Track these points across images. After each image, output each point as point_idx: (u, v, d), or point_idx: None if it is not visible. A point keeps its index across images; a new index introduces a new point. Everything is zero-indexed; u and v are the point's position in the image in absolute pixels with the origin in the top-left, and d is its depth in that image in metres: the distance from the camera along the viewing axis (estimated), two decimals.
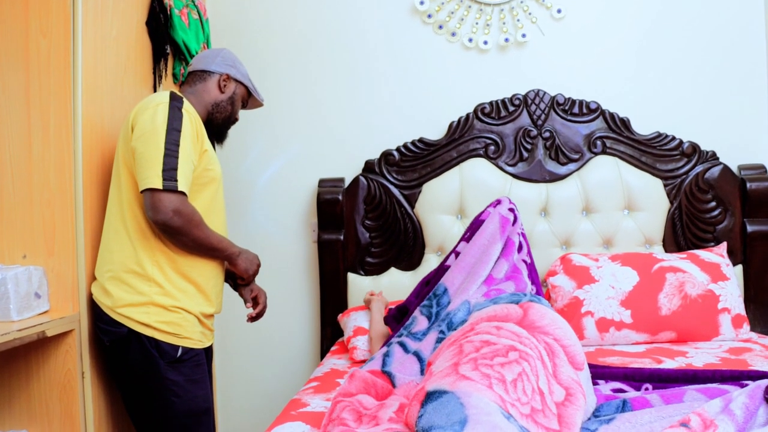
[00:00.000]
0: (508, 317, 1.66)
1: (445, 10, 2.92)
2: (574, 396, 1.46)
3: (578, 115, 2.84)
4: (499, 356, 1.47)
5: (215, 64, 2.21)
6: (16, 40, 2.00)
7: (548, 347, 1.56)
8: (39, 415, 2.00)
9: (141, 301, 1.96)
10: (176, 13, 2.51)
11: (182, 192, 1.91)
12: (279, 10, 2.98)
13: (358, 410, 1.55)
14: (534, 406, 1.39)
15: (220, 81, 2.21)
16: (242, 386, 3.03)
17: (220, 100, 2.21)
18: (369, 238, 2.85)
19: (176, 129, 1.93)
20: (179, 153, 1.91)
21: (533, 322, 1.63)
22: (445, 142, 2.86)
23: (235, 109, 2.27)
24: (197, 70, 2.22)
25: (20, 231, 2.01)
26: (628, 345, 2.46)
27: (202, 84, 2.20)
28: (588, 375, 1.63)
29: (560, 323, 1.65)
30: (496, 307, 1.72)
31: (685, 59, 2.88)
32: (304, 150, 2.98)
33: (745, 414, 1.33)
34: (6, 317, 1.86)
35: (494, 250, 2.07)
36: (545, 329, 1.61)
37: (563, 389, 1.47)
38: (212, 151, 2.11)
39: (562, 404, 1.44)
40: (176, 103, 1.98)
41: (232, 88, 2.23)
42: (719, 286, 2.50)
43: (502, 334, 1.56)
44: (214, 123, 2.23)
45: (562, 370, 1.51)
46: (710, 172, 2.78)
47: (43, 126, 2.00)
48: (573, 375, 1.51)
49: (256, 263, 2.21)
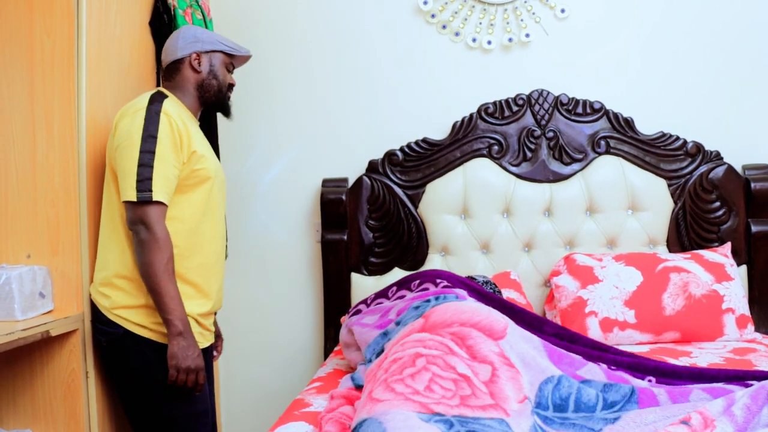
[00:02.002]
0: (412, 330, 1.69)
1: (449, 10, 2.91)
2: (500, 369, 1.50)
3: (582, 115, 2.84)
4: (407, 367, 1.50)
5: (179, 50, 2.13)
6: (20, 40, 2.01)
7: (455, 336, 1.59)
8: (43, 414, 2.00)
9: (136, 304, 1.96)
10: (180, 13, 2.51)
11: (159, 202, 1.88)
12: (282, 10, 2.98)
13: (340, 421, 1.57)
14: (462, 394, 1.43)
15: (191, 63, 2.13)
16: (245, 386, 3.03)
17: (201, 80, 2.14)
18: (372, 238, 2.85)
19: (152, 135, 1.90)
20: (155, 160, 1.88)
21: (434, 322, 1.66)
22: (449, 142, 2.85)
23: (221, 79, 2.18)
24: (168, 64, 2.15)
25: (24, 231, 2.01)
26: (632, 345, 2.45)
27: (178, 75, 2.13)
28: (518, 335, 1.64)
29: (465, 308, 1.68)
30: (404, 328, 1.75)
31: (689, 58, 2.87)
32: (308, 150, 2.98)
33: (745, 415, 1.33)
34: (10, 317, 1.86)
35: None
36: (448, 321, 1.64)
37: (487, 365, 1.50)
38: (205, 149, 2.07)
39: (490, 381, 1.48)
40: (155, 107, 1.95)
41: (206, 62, 2.15)
42: (723, 287, 2.49)
43: (406, 346, 1.60)
44: (209, 102, 2.17)
45: (480, 347, 1.55)
46: (714, 171, 2.78)
47: (47, 126, 2.01)
48: (493, 347, 1.55)
49: (190, 363, 1.90)
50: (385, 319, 2.02)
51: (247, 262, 3.00)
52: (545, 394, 1.53)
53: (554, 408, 1.51)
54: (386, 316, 2.04)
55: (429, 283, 2.18)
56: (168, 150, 1.91)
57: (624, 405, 1.52)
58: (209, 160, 2.07)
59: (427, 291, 2.10)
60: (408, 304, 1.98)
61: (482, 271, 2.78)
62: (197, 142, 2.04)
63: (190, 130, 2.01)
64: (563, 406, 1.52)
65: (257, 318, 3.01)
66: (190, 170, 1.99)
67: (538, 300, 2.78)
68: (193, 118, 2.14)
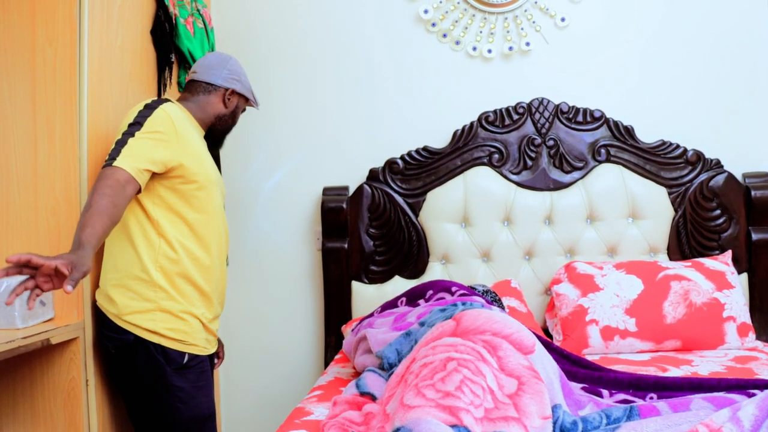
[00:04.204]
0: (443, 333, 1.68)
1: (449, 19, 2.93)
2: (527, 384, 1.48)
3: (582, 123, 2.84)
4: (438, 372, 1.49)
5: (221, 78, 2.19)
6: (22, 49, 2.02)
7: (487, 344, 1.57)
8: (43, 422, 2.00)
9: (148, 308, 1.96)
10: (181, 22, 2.52)
11: (119, 167, 1.80)
12: (283, 19, 2.99)
13: (343, 426, 1.56)
14: (487, 407, 1.41)
15: (225, 96, 2.20)
16: (246, 394, 3.03)
17: (223, 114, 2.22)
18: (373, 246, 2.85)
19: (138, 122, 1.92)
20: (129, 140, 1.87)
21: (467, 327, 1.65)
22: (449, 150, 2.86)
23: (235, 120, 2.28)
24: (202, 81, 2.20)
25: (26, 238, 2.01)
26: (633, 353, 2.45)
27: (205, 96, 2.19)
28: (544, 354, 1.63)
29: (497, 317, 1.66)
30: (432, 329, 1.74)
31: (689, 67, 2.88)
32: (308, 158, 2.99)
33: (753, 424, 1.32)
34: (11, 325, 1.86)
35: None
36: (481, 329, 1.62)
37: (514, 379, 1.49)
38: (202, 154, 2.08)
39: (515, 395, 1.46)
40: (152, 104, 1.98)
41: (235, 103, 2.24)
42: (724, 295, 2.49)
43: (437, 350, 1.58)
44: (215, 133, 2.24)
45: (510, 359, 1.53)
46: (715, 180, 2.78)
47: (49, 134, 2.01)
48: (522, 361, 1.53)
49: (81, 269, 1.56)
50: (404, 322, 2.02)
51: (248, 270, 3.00)
52: (558, 415, 1.53)
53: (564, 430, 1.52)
54: (403, 319, 2.04)
55: (444, 293, 2.18)
56: (148, 136, 1.90)
57: (625, 420, 1.52)
58: (209, 167, 2.09)
59: (445, 300, 2.10)
60: (428, 309, 1.98)
61: (483, 280, 2.78)
62: (193, 144, 2.04)
63: (188, 131, 2.04)
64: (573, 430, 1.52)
65: (258, 326, 3.01)
66: (187, 170, 1.99)
67: (538, 308, 2.78)
68: (198, 127, 2.17)
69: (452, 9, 2.92)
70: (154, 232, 1.98)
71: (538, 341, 1.66)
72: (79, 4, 2.00)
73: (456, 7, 2.91)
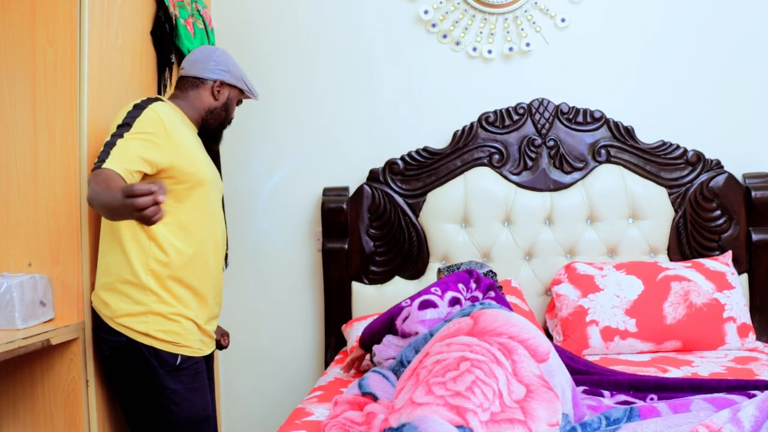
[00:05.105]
0: (459, 331, 1.66)
1: (450, 20, 2.93)
2: (536, 392, 1.47)
3: (582, 124, 2.84)
4: (450, 371, 1.49)
5: (208, 70, 2.15)
6: (23, 50, 2.02)
7: (503, 347, 1.56)
8: (43, 423, 2.00)
9: (139, 311, 1.95)
10: (182, 22, 2.52)
11: (108, 168, 1.77)
12: (283, 20, 2.99)
13: (344, 426, 1.56)
14: (493, 410, 1.41)
15: (214, 88, 2.15)
16: (246, 395, 3.03)
17: (214, 107, 2.17)
18: (373, 247, 2.85)
19: (127, 123, 1.89)
20: (118, 141, 1.84)
21: (484, 327, 1.63)
22: (450, 151, 2.86)
23: (229, 113, 2.22)
24: (189, 77, 2.16)
25: (26, 239, 2.01)
26: (633, 354, 2.45)
27: (194, 91, 2.15)
28: (558, 362, 1.62)
29: (515, 321, 1.65)
30: (449, 325, 1.72)
31: (690, 67, 2.88)
32: (308, 159, 2.99)
33: (753, 425, 1.32)
34: (11, 325, 1.86)
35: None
36: (498, 330, 1.61)
37: (523, 387, 1.48)
38: (197, 153, 2.07)
39: (523, 400, 1.45)
40: (141, 104, 1.96)
41: (225, 94, 2.18)
42: (724, 295, 2.49)
43: (452, 348, 1.57)
44: (209, 128, 2.20)
45: (523, 365, 1.52)
46: (715, 180, 2.78)
47: (49, 134, 2.01)
48: (535, 370, 1.52)
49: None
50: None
51: (247, 271, 3.00)
52: (564, 424, 1.52)
53: None
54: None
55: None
56: (137, 136, 1.88)
57: (625, 421, 1.52)
58: (202, 165, 2.06)
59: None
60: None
61: None
62: (185, 142, 2.02)
63: (179, 130, 2.00)
64: None
65: (258, 326, 3.01)
66: (179, 170, 1.97)
67: (539, 308, 2.78)
68: (191, 125, 2.14)
69: (452, 9, 2.92)
70: (145, 235, 1.95)
71: (553, 348, 1.64)
72: (79, 4, 2.00)
73: (456, 7, 2.91)
